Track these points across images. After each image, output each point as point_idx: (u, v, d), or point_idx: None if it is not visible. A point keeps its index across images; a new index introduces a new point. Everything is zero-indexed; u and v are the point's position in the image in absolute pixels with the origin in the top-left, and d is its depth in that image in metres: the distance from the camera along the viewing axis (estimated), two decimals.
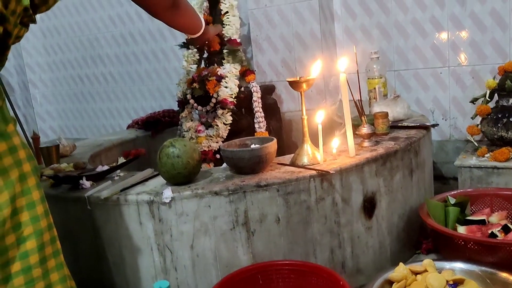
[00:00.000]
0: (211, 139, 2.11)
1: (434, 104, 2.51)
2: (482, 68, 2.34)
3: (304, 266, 1.46)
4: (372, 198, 1.63)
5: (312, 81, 1.58)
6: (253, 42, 2.64)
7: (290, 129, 2.61)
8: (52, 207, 1.65)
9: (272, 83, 2.59)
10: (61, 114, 4.03)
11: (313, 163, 1.59)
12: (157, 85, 3.42)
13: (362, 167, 1.59)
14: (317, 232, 1.54)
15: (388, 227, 1.69)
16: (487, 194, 1.85)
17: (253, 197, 1.46)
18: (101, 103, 3.77)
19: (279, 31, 2.57)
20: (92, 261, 1.63)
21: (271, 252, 1.50)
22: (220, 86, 2.07)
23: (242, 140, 1.70)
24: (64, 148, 2.20)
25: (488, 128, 2.11)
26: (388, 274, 1.43)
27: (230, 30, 2.15)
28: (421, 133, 1.87)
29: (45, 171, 1.79)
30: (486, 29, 2.30)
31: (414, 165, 1.79)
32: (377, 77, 2.21)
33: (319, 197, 1.52)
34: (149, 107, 3.48)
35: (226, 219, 1.46)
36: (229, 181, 1.51)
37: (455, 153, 2.42)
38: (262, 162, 1.55)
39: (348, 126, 1.64)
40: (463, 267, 1.45)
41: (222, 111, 2.08)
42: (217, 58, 2.21)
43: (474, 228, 1.66)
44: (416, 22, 2.46)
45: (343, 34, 2.67)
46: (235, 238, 1.48)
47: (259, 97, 2.18)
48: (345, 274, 1.59)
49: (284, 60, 2.60)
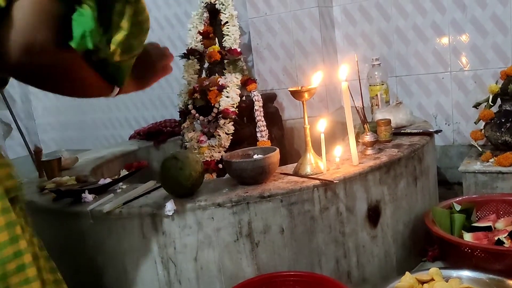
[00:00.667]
0: (213, 149, 2.10)
1: (437, 109, 2.50)
2: (484, 73, 2.33)
3: (310, 277, 1.44)
4: (377, 206, 1.61)
5: (314, 90, 1.57)
6: (254, 51, 2.64)
7: (292, 137, 2.61)
8: (53, 221, 1.65)
9: (274, 91, 2.59)
10: (63, 125, 4.03)
11: (316, 172, 1.58)
12: (158, 94, 3.41)
13: (365, 175, 1.57)
14: (321, 242, 1.52)
15: (393, 236, 1.68)
16: (493, 200, 1.83)
17: (257, 208, 1.45)
18: (102, 113, 3.76)
19: (280, 39, 2.57)
20: (93, 277, 1.62)
21: (276, 263, 1.49)
22: (221, 96, 2.07)
23: (244, 151, 1.69)
24: (65, 161, 2.20)
25: (491, 132, 2.10)
26: (394, 284, 1.42)
27: (229, 40, 2.15)
28: (425, 139, 1.86)
29: (47, 185, 1.78)
30: (487, 33, 2.29)
31: (418, 172, 1.78)
32: (378, 83, 2.20)
33: (323, 206, 1.50)
34: (151, 116, 3.48)
35: (229, 230, 1.45)
36: (232, 192, 1.50)
37: (459, 158, 2.41)
38: (265, 172, 1.54)
39: (350, 134, 1.62)
40: (470, 275, 1.43)
41: (224, 120, 2.08)
42: (218, 68, 2.20)
43: (481, 235, 1.65)
44: (416, 28, 2.46)
45: (344, 41, 2.67)
46: (239, 250, 1.47)
47: (261, 106, 2.18)
48: (351, 284, 1.57)
49: (285, 68, 2.59)
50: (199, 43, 2.23)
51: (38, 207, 1.71)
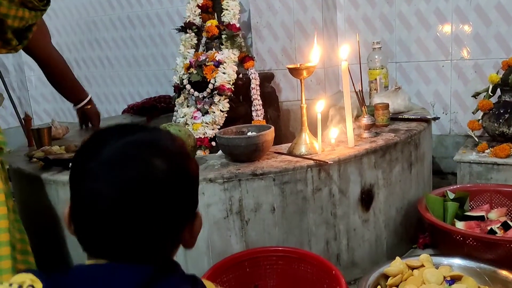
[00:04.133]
0: (207, 126, 2.07)
1: (435, 97, 2.47)
2: (485, 63, 2.30)
3: (293, 253, 1.42)
4: (370, 190, 1.59)
5: (313, 68, 1.53)
6: (253, 29, 2.59)
7: (288, 119, 2.57)
8: (41, 189, 1.62)
9: (271, 71, 2.54)
10: (56, 97, 3.96)
11: (311, 152, 1.55)
12: (154, 70, 3.36)
13: (361, 158, 1.55)
14: (312, 223, 1.50)
15: (385, 221, 1.66)
16: (487, 190, 1.82)
17: (249, 186, 1.42)
18: (97, 87, 3.71)
19: (280, 19, 2.51)
20: None
21: (265, 241, 1.47)
22: (217, 72, 2.02)
23: (238, 128, 1.66)
24: (56, 130, 2.15)
25: (489, 123, 2.07)
26: (384, 268, 1.40)
27: (228, 15, 2.10)
28: (422, 126, 1.83)
29: (35, 153, 1.74)
30: (490, 22, 2.25)
31: (414, 158, 1.75)
32: (378, 68, 2.16)
33: (316, 187, 1.48)
34: (145, 92, 3.43)
35: (220, 207, 1.42)
36: (224, 168, 1.47)
37: (455, 148, 2.38)
38: (259, 150, 1.51)
39: (348, 116, 1.59)
40: (461, 264, 1.42)
41: (219, 97, 2.03)
42: (215, 43, 2.16)
43: (473, 224, 1.63)
44: (419, 14, 2.42)
45: (345, 24, 2.62)
46: (228, 227, 1.44)
47: (258, 84, 2.14)
48: (340, 266, 1.55)
49: (284, 48, 2.54)
50: (197, 16, 2.18)
51: (26, 174, 1.67)
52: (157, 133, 0.74)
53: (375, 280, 1.37)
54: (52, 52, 2.11)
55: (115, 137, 0.69)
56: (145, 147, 0.69)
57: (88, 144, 0.71)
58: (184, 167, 0.73)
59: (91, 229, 0.68)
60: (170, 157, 0.70)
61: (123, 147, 0.68)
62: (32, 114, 3.85)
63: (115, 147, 0.68)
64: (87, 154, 0.69)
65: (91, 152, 0.68)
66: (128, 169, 0.66)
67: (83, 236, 0.70)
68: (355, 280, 1.59)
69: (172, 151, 0.72)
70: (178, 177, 0.71)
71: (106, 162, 0.67)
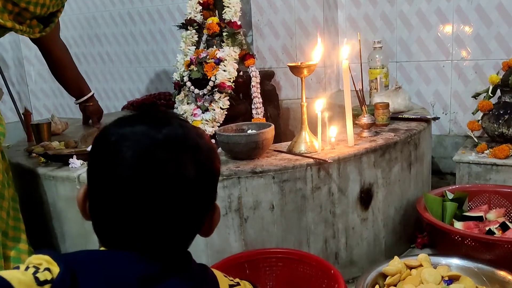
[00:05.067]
0: (207, 124, 2.06)
1: (435, 97, 2.47)
2: (485, 63, 2.30)
3: (292, 254, 1.42)
4: (369, 189, 1.59)
5: (314, 66, 1.53)
6: (254, 27, 2.58)
7: (287, 117, 2.57)
8: (40, 185, 1.62)
9: (272, 69, 2.54)
10: (56, 93, 3.95)
11: (310, 151, 1.55)
12: (154, 67, 3.36)
13: (360, 157, 1.55)
14: (311, 221, 1.50)
15: (384, 220, 1.66)
16: (486, 190, 1.82)
17: (248, 183, 1.42)
18: (97, 83, 3.70)
19: (281, 17, 2.51)
20: (80, 241, 1.59)
21: (264, 239, 1.47)
22: (218, 69, 2.02)
23: (238, 125, 1.66)
24: (56, 126, 2.15)
25: (489, 124, 2.07)
26: (382, 267, 1.40)
27: (230, 12, 2.10)
28: (422, 125, 1.83)
29: (35, 149, 1.74)
30: (491, 23, 2.25)
31: (413, 158, 1.75)
32: (379, 67, 2.16)
33: (315, 186, 1.48)
34: (145, 89, 3.42)
35: (219, 204, 1.42)
36: (223, 166, 1.47)
37: (454, 148, 2.39)
38: (259, 148, 1.51)
39: (348, 115, 1.59)
40: (459, 264, 1.42)
41: (219, 95, 2.03)
42: (216, 41, 2.15)
43: (471, 224, 1.63)
44: (421, 14, 2.41)
45: (346, 23, 2.62)
46: (227, 225, 1.44)
47: (258, 82, 2.13)
48: (338, 265, 1.56)
49: (285, 47, 2.54)
50: (198, 13, 2.17)
51: (25, 169, 1.67)
52: (185, 128, 0.72)
53: (373, 279, 1.37)
54: (59, 42, 2.12)
55: (145, 133, 0.68)
56: (177, 146, 0.68)
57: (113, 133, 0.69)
58: (212, 164, 0.73)
59: (111, 217, 0.68)
60: (199, 155, 0.70)
61: (153, 147, 0.67)
62: (31, 109, 3.84)
63: (144, 147, 0.66)
64: (112, 148, 0.67)
65: (116, 148, 0.67)
66: (160, 170, 0.66)
67: (100, 223, 0.70)
68: (353, 278, 1.59)
69: (201, 147, 0.71)
70: (206, 174, 0.71)
71: (135, 160, 0.66)
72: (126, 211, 0.66)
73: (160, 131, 0.68)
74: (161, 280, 0.67)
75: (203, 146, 0.72)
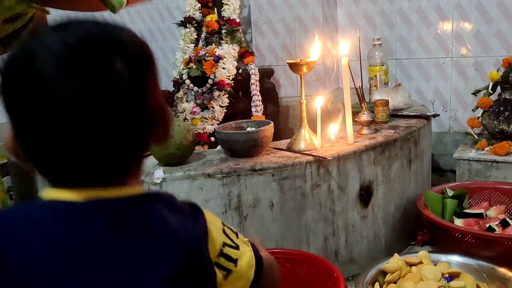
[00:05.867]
0: (206, 121, 2.06)
1: (435, 94, 2.46)
2: (485, 60, 2.29)
3: (292, 254, 1.41)
4: (369, 186, 1.59)
5: (313, 64, 1.53)
6: (253, 25, 2.58)
7: (287, 115, 2.56)
8: (38, 183, 1.61)
9: (271, 67, 2.54)
10: None
11: (310, 148, 1.54)
12: None
13: (360, 154, 1.54)
14: (311, 219, 1.50)
15: (383, 217, 1.65)
16: (486, 187, 1.82)
17: (247, 181, 1.42)
18: None
19: (280, 14, 2.51)
20: None
21: (264, 237, 1.46)
22: (217, 67, 2.02)
23: (238, 123, 1.66)
24: None
25: (489, 121, 2.07)
26: (382, 265, 1.40)
27: (229, 9, 2.09)
28: (422, 123, 1.83)
29: None
30: (491, 20, 2.24)
31: (413, 155, 1.75)
32: (378, 64, 2.15)
33: (315, 183, 1.48)
34: None
35: (218, 202, 1.42)
36: (223, 163, 1.47)
37: (454, 145, 2.38)
38: (258, 145, 1.51)
39: (347, 112, 1.59)
40: (459, 261, 1.42)
41: (218, 93, 2.03)
42: (215, 38, 2.15)
43: (472, 221, 1.63)
44: (420, 11, 2.41)
45: (346, 20, 2.61)
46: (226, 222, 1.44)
47: (257, 80, 2.13)
48: (338, 263, 1.55)
49: (284, 44, 2.54)
50: (197, 11, 2.17)
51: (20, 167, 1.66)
52: (99, 23, 0.63)
53: (373, 277, 1.36)
54: None
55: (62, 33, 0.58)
56: (97, 45, 0.59)
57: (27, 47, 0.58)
58: (143, 54, 0.65)
59: (53, 149, 0.58)
60: (125, 48, 0.61)
61: (70, 52, 0.57)
62: None
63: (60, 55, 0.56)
64: (32, 59, 0.56)
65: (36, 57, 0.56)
66: (86, 79, 0.56)
67: (42, 160, 0.61)
68: (353, 276, 1.59)
69: (123, 39, 0.62)
70: (142, 68, 0.63)
71: (64, 64, 0.56)
72: (68, 136, 0.57)
73: (71, 33, 0.59)
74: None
75: (125, 37, 0.62)
